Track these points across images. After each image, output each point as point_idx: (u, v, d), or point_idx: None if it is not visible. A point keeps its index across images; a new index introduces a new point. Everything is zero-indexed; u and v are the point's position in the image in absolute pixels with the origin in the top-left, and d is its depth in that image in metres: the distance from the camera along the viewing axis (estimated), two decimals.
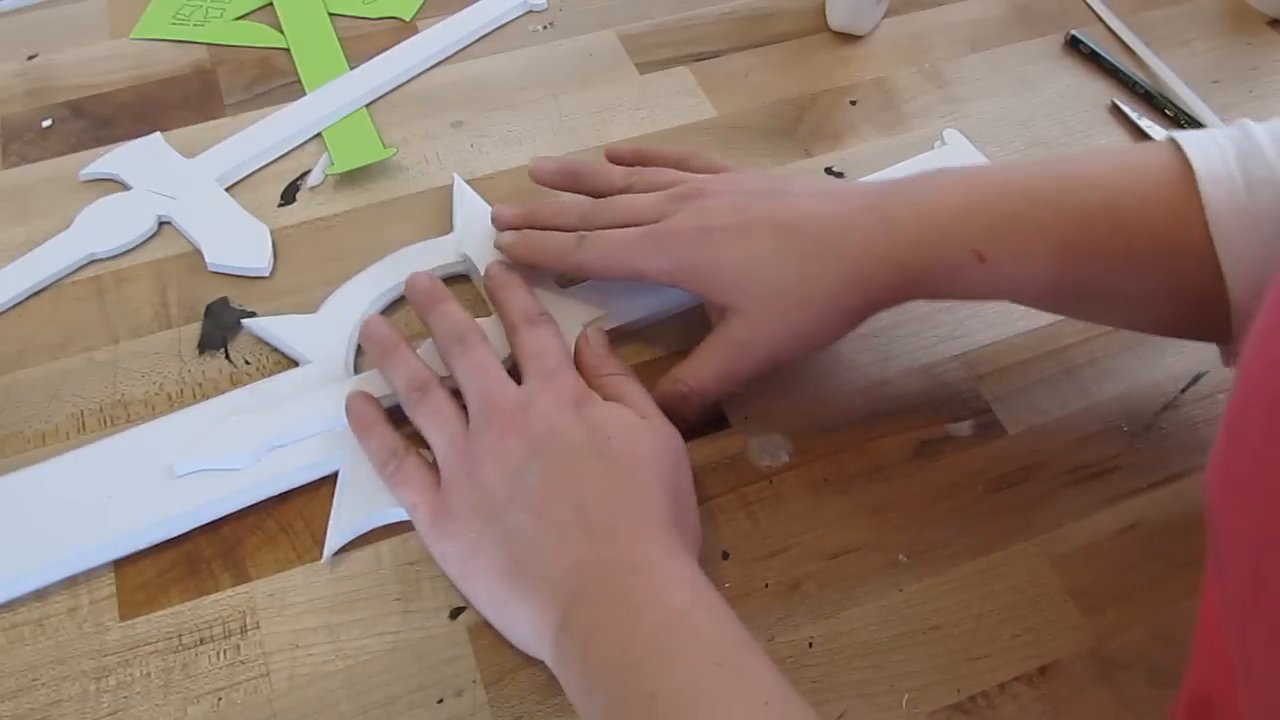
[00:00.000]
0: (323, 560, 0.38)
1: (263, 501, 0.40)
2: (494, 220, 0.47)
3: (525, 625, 0.35)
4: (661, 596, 0.34)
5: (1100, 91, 0.57)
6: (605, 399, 0.40)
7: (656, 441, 0.38)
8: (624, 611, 0.33)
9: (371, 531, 0.39)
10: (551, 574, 0.35)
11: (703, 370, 0.41)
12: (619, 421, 0.38)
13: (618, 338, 0.45)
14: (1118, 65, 0.58)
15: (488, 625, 0.37)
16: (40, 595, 0.38)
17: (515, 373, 0.40)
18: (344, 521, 0.39)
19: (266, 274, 0.47)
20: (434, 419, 0.39)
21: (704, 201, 0.41)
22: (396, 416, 0.41)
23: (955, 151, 0.52)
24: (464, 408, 0.39)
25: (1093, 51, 0.59)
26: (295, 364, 0.44)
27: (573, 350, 0.42)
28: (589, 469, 0.36)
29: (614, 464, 0.37)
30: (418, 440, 0.40)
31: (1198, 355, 0.45)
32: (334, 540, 0.38)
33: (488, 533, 0.36)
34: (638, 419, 0.38)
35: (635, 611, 0.33)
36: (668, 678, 0.31)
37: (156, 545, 0.39)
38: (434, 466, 0.39)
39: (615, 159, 0.47)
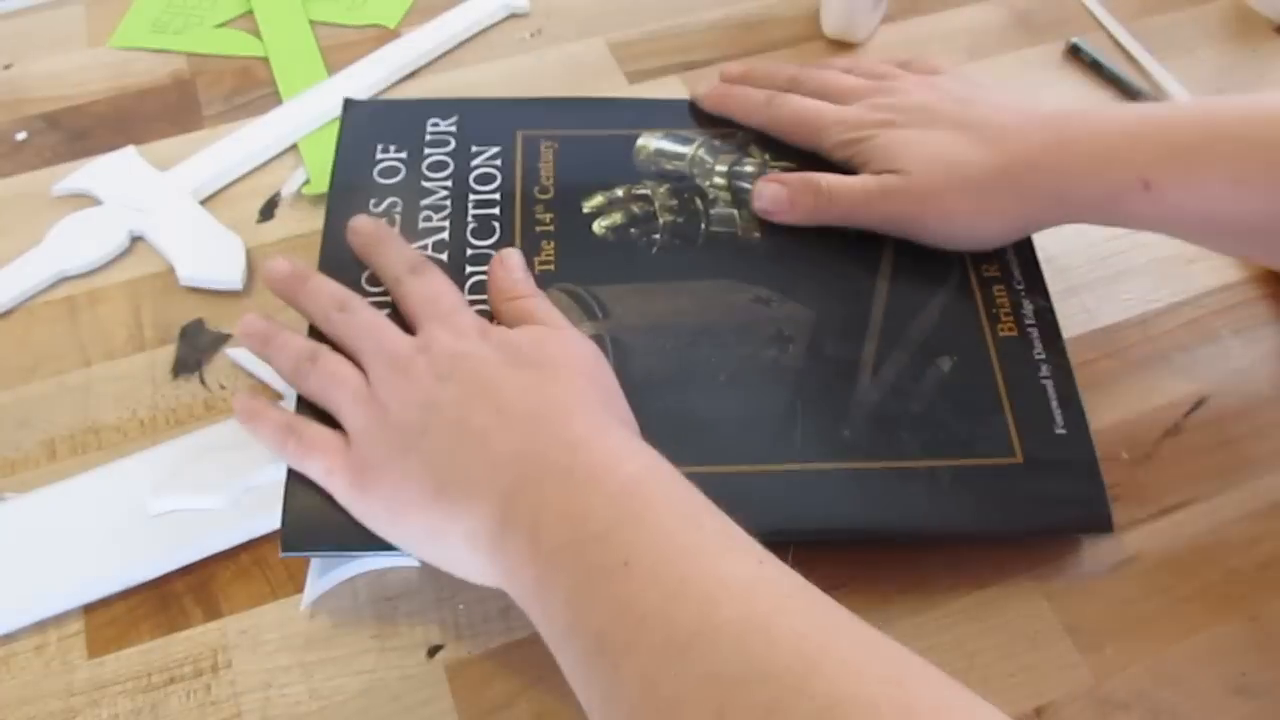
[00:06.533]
0: (302, 608, 0.37)
1: None
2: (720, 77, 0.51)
3: (463, 544, 0.32)
4: (610, 465, 0.31)
5: (1102, 101, 0.56)
6: (514, 323, 0.38)
7: (569, 346, 0.36)
8: (571, 487, 0.31)
9: None
10: (480, 477, 0.32)
11: (848, 186, 0.43)
12: (527, 335, 0.36)
13: None
14: (1120, 74, 0.56)
15: (466, 664, 0.36)
16: (7, 632, 0.36)
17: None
18: (325, 568, 0.37)
19: (239, 288, 0.46)
20: (331, 379, 0.36)
21: (897, 98, 0.44)
22: None
23: None
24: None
25: (1094, 60, 0.57)
26: (273, 390, 0.42)
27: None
28: (504, 377, 0.34)
29: (529, 369, 0.35)
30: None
31: (1201, 380, 0.44)
32: (314, 589, 0.37)
33: (408, 467, 0.33)
34: (548, 330, 0.37)
35: (583, 485, 0.30)
36: (639, 543, 0.29)
37: None
38: (338, 432, 0.36)
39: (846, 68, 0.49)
